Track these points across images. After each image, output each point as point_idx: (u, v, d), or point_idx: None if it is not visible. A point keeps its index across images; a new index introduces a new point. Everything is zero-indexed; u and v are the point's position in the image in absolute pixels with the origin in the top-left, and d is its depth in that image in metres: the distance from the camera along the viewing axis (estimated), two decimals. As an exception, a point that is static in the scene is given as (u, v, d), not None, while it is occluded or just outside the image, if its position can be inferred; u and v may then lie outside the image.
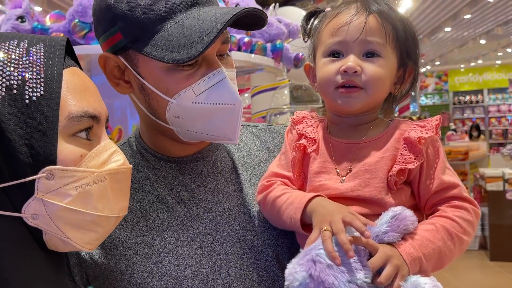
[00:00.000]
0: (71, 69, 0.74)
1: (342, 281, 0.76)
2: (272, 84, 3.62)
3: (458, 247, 0.87)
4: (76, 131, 0.70)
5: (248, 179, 1.02)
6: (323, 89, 0.95)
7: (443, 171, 0.92)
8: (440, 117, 0.96)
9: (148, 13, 0.84)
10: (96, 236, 0.73)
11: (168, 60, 0.82)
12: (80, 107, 0.70)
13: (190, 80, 0.86)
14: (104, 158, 0.73)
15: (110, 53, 0.89)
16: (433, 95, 16.13)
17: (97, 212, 0.71)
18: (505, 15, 9.33)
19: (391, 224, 0.83)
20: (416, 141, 0.89)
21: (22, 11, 1.75)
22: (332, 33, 0.93)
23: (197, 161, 1.00)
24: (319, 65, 0.96)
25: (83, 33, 1.68)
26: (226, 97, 0.87)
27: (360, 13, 0.92)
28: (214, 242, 0.93)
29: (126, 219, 0.93)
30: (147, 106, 0.92)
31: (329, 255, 0.78)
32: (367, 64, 0.91)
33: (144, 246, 0.92)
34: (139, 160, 1.00)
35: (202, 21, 0.83)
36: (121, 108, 2.24)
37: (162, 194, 0.96)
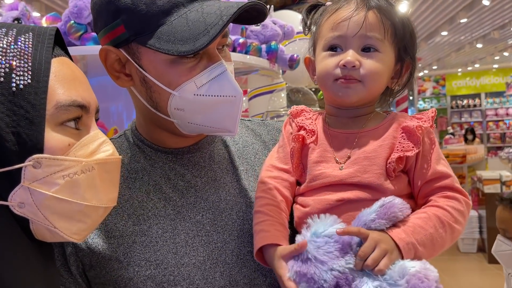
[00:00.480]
0: (60, 59, 0.73)
1: (323, 269, 0.79)
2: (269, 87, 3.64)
3: (450, 235, 0.89)
4: (64, 120, 0.70)
5: (245, 171, 1.04)
6: (323, 82, 0.97)
7: (437, 161, 0.94)
8: (435, 109, 0.99)
9: (151, 6, 0.84)
10: (84, 227, 0.73)
11: (173, 52, 0.83)
12: (68, 96, 0.70)
13: (192, 72, 0.87)
14: (93, 147, 0.72)
15: (111, 46, 0.90)
16: (431, 99, 16.16)
17: (85, 202, 0.70)
18: (502, 19, 9.38)
19: (379, 212, 0.84)
20: (414, 129, 0.92)
21: (19, 13, 1.76)
22: (332, 28, 0.95)
23: (194, 152, 1.01)
24: (318, 59, 0.98)
25: (78, 34, 1.69)
26: (227, 89, 0.89)
27: (360, 8, 0.94)
28: (211, 231, 0.95)
29: (123, 208, 0.95)
30: (148, 99, 0.92)
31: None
32: (365, 58, 0.93)
33: (141, 235, 0.93)
34: (135, 151, 1.01)
35: (207, 14, 0.84)
36: (118, 113, 2.25)
37: (159, 184, 0.97)
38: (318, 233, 0.83)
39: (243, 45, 1.93)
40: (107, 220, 0.93)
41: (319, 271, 0.79)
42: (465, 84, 15.75)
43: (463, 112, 15.51)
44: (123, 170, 0.97)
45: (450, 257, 6.07)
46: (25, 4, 1.81)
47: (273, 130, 1.14)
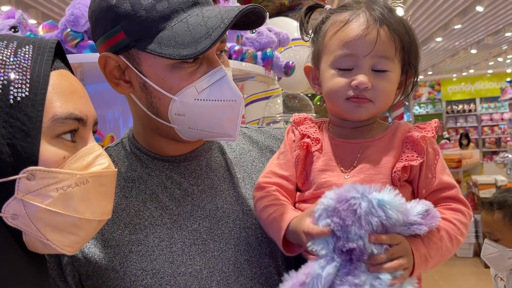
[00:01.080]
0: (60, 72, 0.74)
1: (356, 232, 0.78)
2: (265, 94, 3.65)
3: (455, 247, 0.91)
4: (60, 132, 0.70)
5: (242, 178, 1.04)
6: (332, 99, 0.98)
7: (442, 171, 0.95)
8: (437, 120, 0.99)
9: (151, 12, 0.85)
10: (77, 239, 0.73)
11: (175, 56, 0.83)
12: (65, 109, 0.70)
13: (193, 77, 0.88)
14: (89, 160, 0.73)
15: (111, 53, 0.90)
16: (427, 104, 16.23)
17: (78, 215, 0.70)
18: (495, 25, 9.45)
19: (424, 217, 0.84)
20: (419, 139, 0.93)
21: (15, 21, 1.77)
22: (343, 46, 0.94)
23: (191, 160, 1.01)
24: (326, 75, 0.97)
25: (75, 42, 1.70)
26: (227, 93, 0.89)
27: (371, 25, 0.93)
28: (208, 240, 0.94)
29: (120, 218, 0.95)
30: (149, 105, 0.92)
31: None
32: (376, 79, 0.93)
33: (137, 244, 0.92)
34: (132, 160, 1.01)
35: (208, 18, 0.85)
36: (114, 120, 2.25)
37: (156, 193, 0.97)
38: (380, 204, 0.79)
39: (238, 52, 1.94)
40: (103, 230, 0.93)
41: (354, 228, 0.78)
42: (460, 89, 15.83)
43: (459, 117, 15.58)
44: (120, 179, 0.97)
45: (446, 262, 6.06)
46: (21, 12, 1.82)
47: (270, 137, 1.15)
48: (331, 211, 0.80)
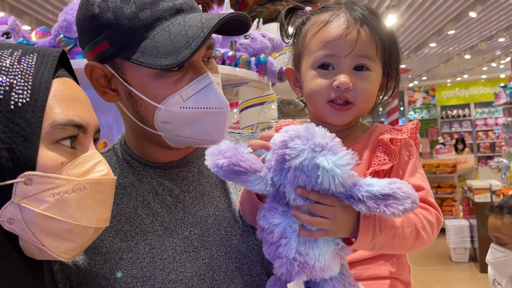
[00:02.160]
0: (62, 79, 0.74)
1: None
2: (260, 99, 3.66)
3: (413, 239, 0.85)
4: (59, 138, 0.70)
5: (233, 185, 1.03)
6: (313, 102, 0.96)
7: (411, 174, 0.93)
8: (417, 122, 0.98)
9: (134, 21, 0.85)
10: (73, 246, 0.72)
11: (156, 66, 0.83)
12: (65, 115, 0.71)
13: (178, 85, 0.87)
14: (87, 167, 0.73)
15: (96, 62, 0.90)
16: (421, 109, 16.32)
17: (73, 221, 0.70)
18: (489, 30, 9.54)
19: (377, 200, 0.77)
20: (388, 142, 0.92)
21: (8, 28, 1.76)
22: (323, 46, 0.93)
23: (183, 167, 1.00)
24: (307, 76, 0.96)
25: (68, 48, 1.69)
26: (213, 101, 0.89)
27: (352, 25, 0.93)
28: (199, 247, 0.94)
29: (110, 225, 0.92)
30: (135, 113, 0.92)
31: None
32: (357, 79, 0.93)
33: (128, 251, 0.92)
34: (124, 166, 1.00)
35: (189, 27, 0.84)
36: (108, 126, 2.24)
37: (147, 200, 0.96)
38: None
39: (232, 58, 1.95)
40: None
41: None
42: (455, 94, 15.94)
43: (453, 122, 15.68)
44: None
45: (442, 267, 6.08)
46: (14, 18, 1.82)
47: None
48: (275, 146, 0.78)
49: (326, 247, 0.80)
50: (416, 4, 7.43)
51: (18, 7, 6.70)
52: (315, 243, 0.80)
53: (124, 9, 0.85)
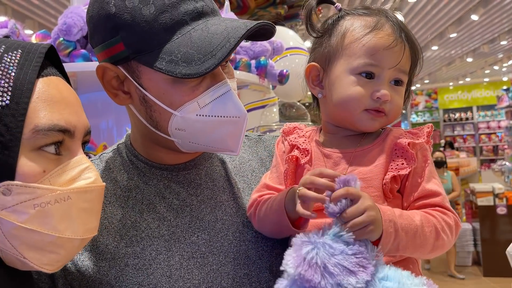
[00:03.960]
0: (48, 79, 0.69)
1: (329, 282, 0.72)
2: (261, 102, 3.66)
3: (433, 239, 0.84)
4: (41, 144, 0.65)
5: (242, 189, 1.00)
6: (347, 107, 0.93)
7: (428, 179, 0.91)
8: (431, 125, 0.97)
9: (153, 24, 0.80)
10: (57, 258, 0.68)
11: (177, 74, 0.79)
12: (49, 119, 0.65)
13: (195, 92, 0.83)
14: (73, 174, 0.68)
15: (109, 63, 0.85)
16: (424, 112, 16.30)
17: (56, 234, 0.66)
18: (491, 33, 9.53)
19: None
20: (407, 146, 0.90)
21: (8, 31, 1.77)
22: (370, 54, 0.91)
23: (190, 169, 0.97)
24: (344, 80, 0.93)
25: (67, 51, 1.69)
26: (231, 109, 0.85)
27: (398, 38, 0.91)
28: (206, 253, 0.90)
29: (116, 229, 0.90)
30: (148, 118, 0.88)
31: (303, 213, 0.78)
32: (394, 93, 0.92)
33: (134, 257, 0.88)
34: (129, 168, 0.97)
35: (213, 35, 0.80)
36: (108, 129, 2.24)
37: (153, 203, 0.93)
38: (338, 236, 0.75)
39: (232, 61, 1.94)
40: (98, 241, 0.89)
41: (324, 282, 0.72)
42: (457, 97, 15.92)
43: (456, 125, 15.64)
44: (116, 187, 0.94)
45: (445, 270, 6.05)
46: (14, 22, 1.82)
47: (270, 146, 1.11)
48: (297, 279, 0.74)
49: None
50: (417, 7, 7.44)
51: (21, 12, 6.74)
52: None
53: (142, 10, 0.81)
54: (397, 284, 0.74)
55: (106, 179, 0.96)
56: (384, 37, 0.91)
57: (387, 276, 0.75)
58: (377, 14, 0.95)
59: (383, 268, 0.76)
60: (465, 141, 15.33)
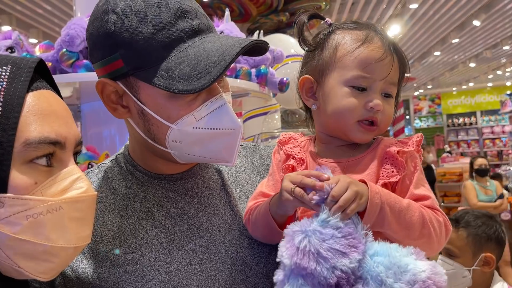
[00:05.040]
0: (39, 92, 0.71)
1: (325, 266, 0.75)
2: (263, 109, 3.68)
3: (419, 225, 0.86)
4: (32, 157, 0.67)
5: (238, 197, 1.03)
6: (341, 118, 0.96)
7: (416, 185, 0.93)
8: (421, 134, 0.99)
9: (150, 41, 0.83)
10: (51, 266, 0.69)
11: (174, 90, 0.81)
12: (39, 132, 0.67)
13: (192, 106, 0.86)
14: (65, 185, 0.69)
15: (108, 79, 0.88)
16: (427, 118, 16.27)
17: (49, 243, 0.67)
18: (493, 38, 9.53)
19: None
20: (396, 154, 0.93)
21: (12, 42, 1.80)
22: (362, 67, 0.93)
23: (187, 179, 1.00)
24: (338, 92, 0.96)
25: (70, 62, 1.72)
26: (226, 122, 0.88)
27: (387, 51, 0.95)
28: (204, 260, 0.93)
29: (115, 236, 0.93)
30: (146, 131, 0.91)
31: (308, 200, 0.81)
32: (385, 103, 0.95)
33: (133, 264, 0.90)
34: (127, 177, 0.99)
35: (209, 52, 0.83)
36: (110, 137, 2.27)
37: (152, 211, 0.95)
38: (327, 221, 0.78)
39: (232, 70, 1.97)
40: (97, 249, 0.91)
41: (320, 268, 0.74)
42: (461, 102, 15.89)
43: (460, 130, 15.59)
44: (115, 196, 0.97)
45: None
46: (18, 33, 1.86)
47: (265, 155, 1.14)
48: (294, 269, 0.77)
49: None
50: (419, 13, 7.46)
51: (25, 21, 6.81)
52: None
53: (141, 28, 0.83)
54: (387, 257, 0.77)
55: (105, 188, 0.98)
56: (375, 49, 0.95)
57: (377, 251, 0.78)
58: (366, 28, 0.98)
59: (372, 244, 0.79)
60: (469, 146, 15.28)
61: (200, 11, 0.90)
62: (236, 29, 2.03)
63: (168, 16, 0.85)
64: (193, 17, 0.87)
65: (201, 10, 0.91)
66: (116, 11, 0.85)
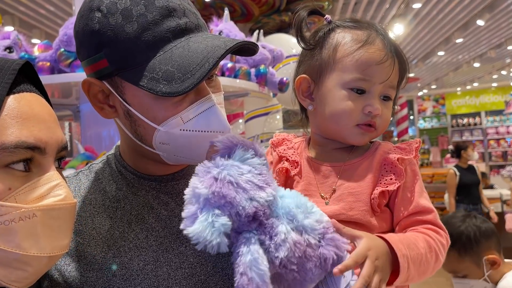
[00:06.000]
0: (20, 95, 0.69)
1: (244, 197, 0.75)
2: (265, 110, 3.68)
3: (434, 262, 0.85)
4: (8, 162, 0.65)
5: None
6: (339, 121, 0.94)
7: (420, 194, 0.92)
8: (420, 140, 0.98)
9: (135, 41, 0.81)
10: (24, 275, 0.67)
11: (157, 92, 0.79)
12: (16, 136, 0.65)
13: (179, 108, 0.84)
14: (41, 192, 0.67)
15: (94, 78, 0.87)
16: (431, 118, 16.20)
17: (21, 251, 0.65)
18: (498, 38, 9.47)
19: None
20: (396, 161, 0.90)
21: (10, 42, 1.80)
22: (362, 69, 0.91)
23: (178, 180, 0.98)
24: (336, 94, 0.93)
25: (68, 62, 1.72)
26: (214, 124, 0.86)
27: (388, 53, 0.92)
28: (194, 263, 0.91)
29: (103, 239, 0.91)
30: (133, 132, 0.90)
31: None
32: (383, 107, 0.94)
33: (121, 268, 0.89)
34: (118, 178, 0.98)
35: (193, 53, 0.80)
36: (110, 137, 2.26)
37: (142, 214, 0.94)
38: (244, 159, 0.78)
39: (231, 70, 1.96)
40: (85, 252, 0.90)
41: (239, 197, 0.75)
42: (465, 102, 15.80)
43: (464, 131, 15.51)
44: (105, 198, 0.95)
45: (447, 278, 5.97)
46: (17, 33, 1.85)
47: None
48: (210, 198, 0.74)
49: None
50: (423, 13, 7.42)
51: (28, 21, 6.83)
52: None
53: (125, 27, 0.81)
54: (294, 199, 0.81)
55: (95, 190, 0.97)
56: (376, 52, 0.92)
57: (285, 195, 0.82)
58: (367, 27, 0.96)
59: (280, 188, 0.83)
60: (473, 147, 15.20)
61: (189, 8, 0.87)
62: (236, 29, 2.02)
63: (154, 14, 0.82)
64: (181, 16, 0.85)
65: (191, 8, 0.88)
66: (101, 9, 0.83)
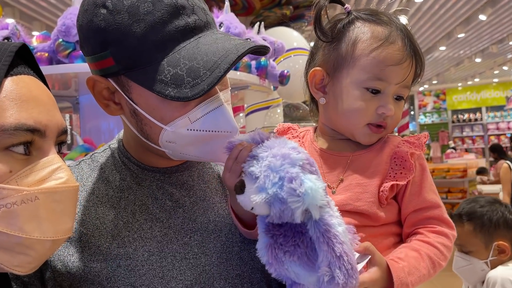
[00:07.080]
0: (19, 78, 0.68)
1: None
2: (265, 103, 3.67)
3: (434, 272, 0.87)
4: (8, 144, 0.64)
5: None
6: (351, 120, 0.93)
7: (428, 189, 0.91)
8: (427, 134, 0.97)
9: (143, 41, 0.78)
10: (28, 259, 0.66)
11: (166, 96, 0.77)
12: (16, 119, 0.64)
13: (187, 107, 0.82)
14: (43, 174, 0.66)
15: (99, 76, 0.84)
16: (432, 113, 16.19)
17: (23, 235, 0.64)
18: (500, 33, 9.44)
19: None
20: (408, 155, 0.90)
21: (9, 33, 1.78)
22: (380, 69, 0.90)
23: (183, 171, 0.98)
24: (351, 92, 0.92)
25: (66, 52, 1.70)
26: (222, 124, 0.84)
27: (407, 54, 0.91)
28: (199, 254, 0.91)
29: (107, 229, 0.90)
30: (139, 130, 0.89)
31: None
32: (396, 107, 0.93)
33: (126, 258, 0.88)
34: (121, 169, 0.97)
35: (204, 56, 0.78)
36: (109, 130, 2.25)
37: (146, 204, 0.93)
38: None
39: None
40: (89, 242, 0.89)
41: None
42: (466, 98, 15.78)
43: (465, 126, 15.51)
44: (108, 188, 0.94)
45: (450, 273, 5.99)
46: (15, 23, 1.84)
47: None
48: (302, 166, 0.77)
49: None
50: (424, 7, 7.39)
51: (29, 13, 6.81)
52: None
53: (132, 27, 0.78)
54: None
55: (98, 179, 0.96)
56: (395, 52, 0.90)
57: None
58: (388, 23, 0.93)
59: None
60: (474, 142, 15.20)
61: (198, 4, 0.84)
62: (236, 20, 2.00)
63: (162, 13, 0.79)
64: (190, 13, 0.81)
65: (200, 3, 0.85)
66: (107, 5, 0.79)
